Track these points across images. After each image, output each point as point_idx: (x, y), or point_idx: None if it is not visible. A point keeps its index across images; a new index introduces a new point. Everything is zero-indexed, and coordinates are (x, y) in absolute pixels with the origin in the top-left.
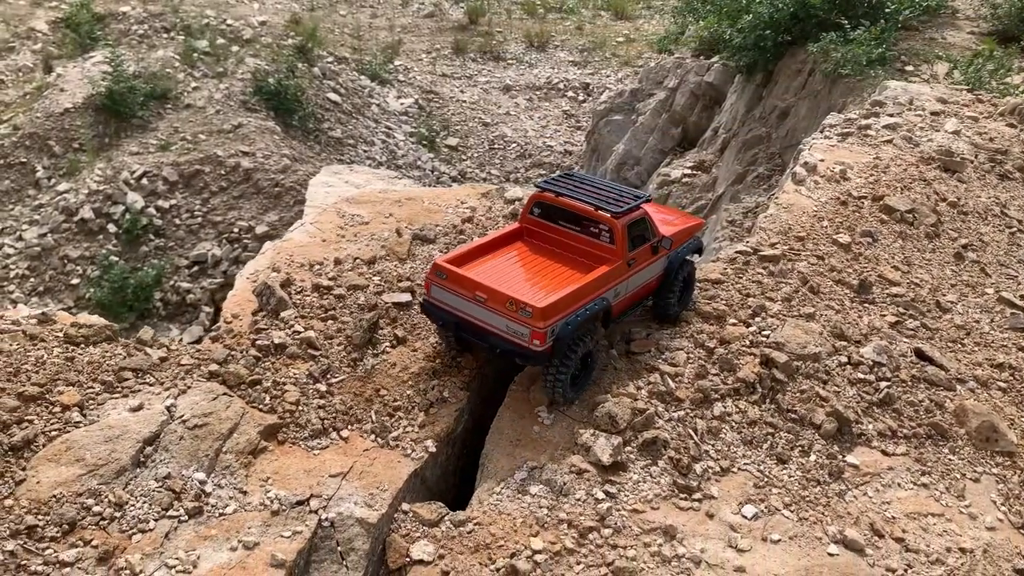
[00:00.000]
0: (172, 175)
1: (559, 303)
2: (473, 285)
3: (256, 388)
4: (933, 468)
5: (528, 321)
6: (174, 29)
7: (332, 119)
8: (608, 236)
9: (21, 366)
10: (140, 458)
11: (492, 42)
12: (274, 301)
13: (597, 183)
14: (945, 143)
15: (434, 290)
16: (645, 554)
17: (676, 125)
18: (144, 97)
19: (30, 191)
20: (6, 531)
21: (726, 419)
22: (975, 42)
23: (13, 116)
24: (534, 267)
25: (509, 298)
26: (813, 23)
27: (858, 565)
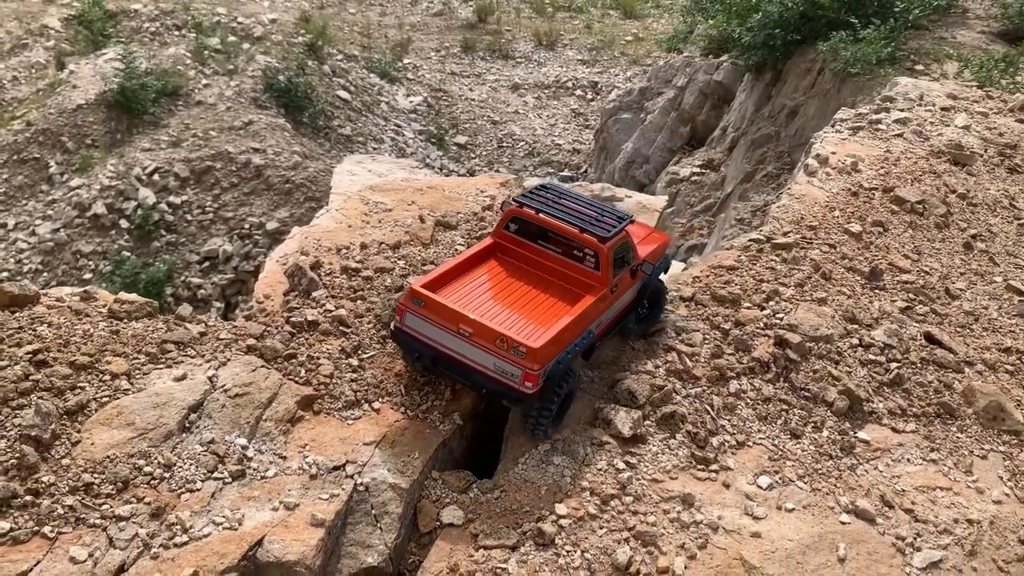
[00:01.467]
0: (184, 171)
1: (553, 341)
2: (456, 317)
3: (292, 362)
4: (942, 445)
5: (521, 362)
6: (185, 26)
7: (342, 116)
8: (593, 261)
9: (70, 338)
10: (185, 424)
11: (501, 40)
12: (305, 281)
13: (576, 199)
14: (955, 137)
15: (409, 318)
16: (664, 520)
17: (685, 124)
18: (156, 94)
19: (43, 187)
20: (65, 487)
21: (741, 396)
22: (985, 41)
23: (26, 112)
24: (516, 294)
25: (499, 335)
26: (823, 22)
27: (869, 533)
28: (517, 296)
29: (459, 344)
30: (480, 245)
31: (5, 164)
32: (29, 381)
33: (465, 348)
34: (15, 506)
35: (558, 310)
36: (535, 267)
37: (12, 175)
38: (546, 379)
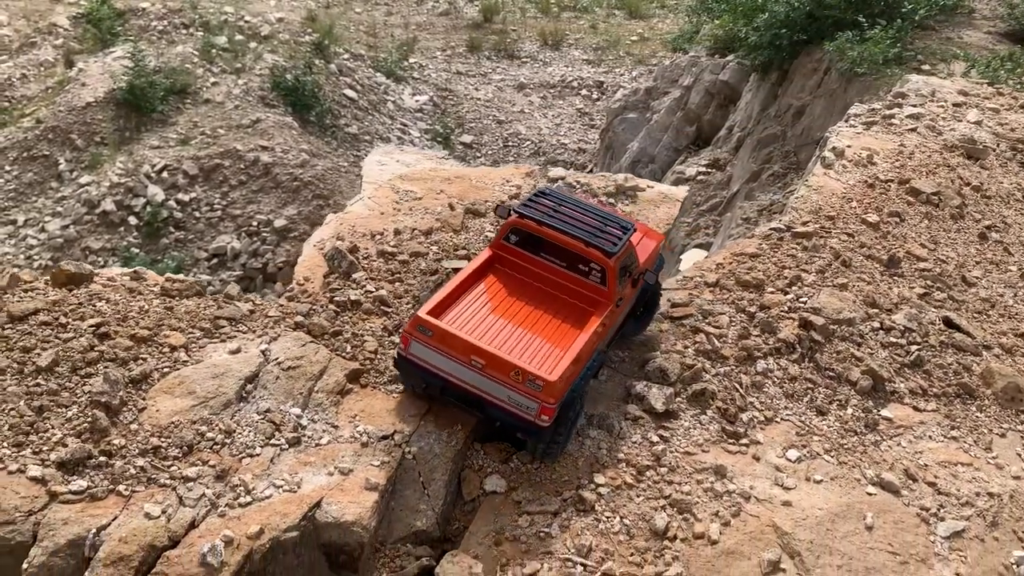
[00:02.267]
0: (192, 169)
1: (569, 370)
2: (467, 347)
3: (338, 338)
4: (962, 423)
5: (538, 396)
6: (193, 25)
7: (348, 115)
8: (599, 276)
9: (127, 313)
10: (242, 393)
11: (506, 40)
12: (345, 264)
13: (576, 205)
14: (967, 132)
15: (414, 346)
16: (698, 490)
17: (691, 123)
18: (164, 92)
19: (53, 183)
20: (136, 450)
21: (768, 375)
22: (992, 41)
23: (36, 110)
24: (521, 314)
25: (514, 367)
26: (829, 22)
27: (895, 504)
28: (523, 317)
29: (470, 375)
30: (479, 259)
31: (15, 161)
32: (95, 352)
33: (477, 379)
34: (90, 466)
35: (567, 333)
36: (538, 280)
37: (22, 172)
38: (560, 408)
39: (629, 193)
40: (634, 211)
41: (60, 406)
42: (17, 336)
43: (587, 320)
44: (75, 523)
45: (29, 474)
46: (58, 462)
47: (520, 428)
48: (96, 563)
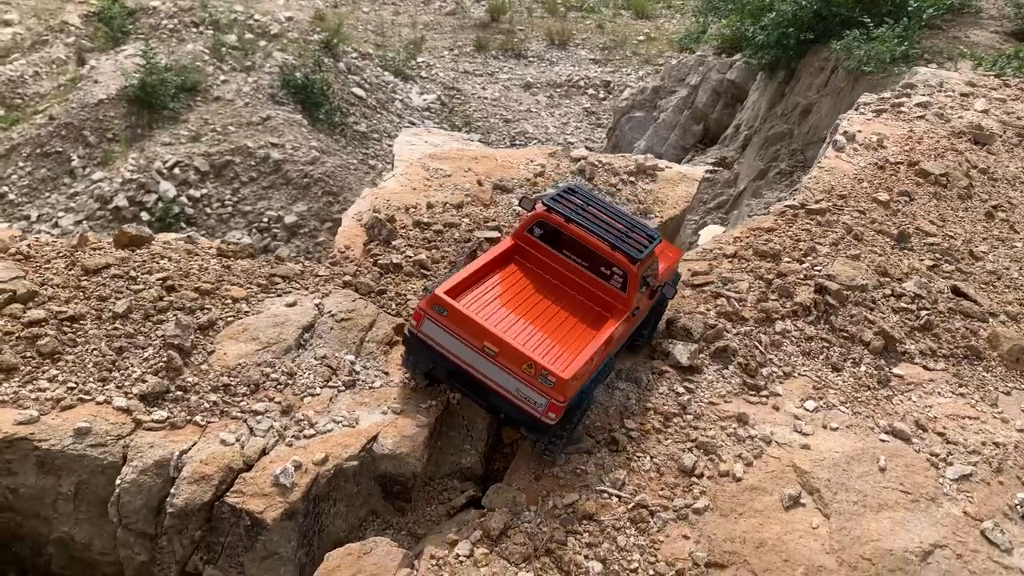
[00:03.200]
0: (203, 165)
1: (582, 369)
2: (482, 332)
3: (383, 296)
4: (969, 382)
5: (548, 392)
6: (203, 24)
7: (357, 113)
8: (621, 281)
9: (189, 271)
10: (301, 341)
11: (513, 40)
12: (385, 232)
13: (603, 207)
14: (975, 120)
15: (427, 325)
16: (722, 434)
17: (698, 122)
18: (175, 89)
19: (65, 179)
20: (208, 387)
21: (786, 335)
22: (999, 41)
23: (49, 107)
24: (538, 308)
25: (528, 359)
26: (836, 21)
27: (906, 450)
28: (539, 311)
29: (481, 362)
30: (500, 247)
31: (28, 157)
32: (164, 301)
33: (487, 367)
34: (168, 399)
35: (583, 334)
36: (557, 277)
37: (35, 168)
38: (568, 408)
39: (649, 172)
40: (654, 189)
41: (137, 347)
42: (93, 287)
43: (603, 324)
44: (159, 447)
45: (115, 404)
46: (140, 395)
47: (525, 423)
48: (181, 481)
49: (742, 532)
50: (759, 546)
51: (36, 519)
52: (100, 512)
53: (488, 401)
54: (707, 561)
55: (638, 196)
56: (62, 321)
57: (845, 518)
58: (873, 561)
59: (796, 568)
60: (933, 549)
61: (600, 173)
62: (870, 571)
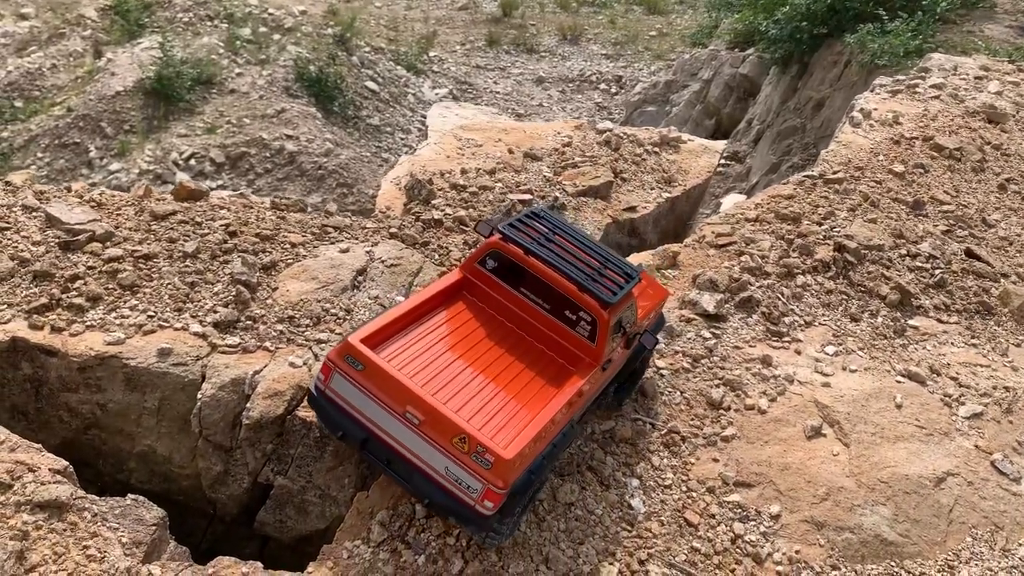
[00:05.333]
0: (219, 157)
1: (529, 447)
2: (404, 394)
3: (427, 248)
4: (981, 334)
5: (485, 475)
6: (218, 17)
7: (370, 107)
8: (589, 329)
9: (247, 220)
10: (355, 282)
11: (525, 35)
12: (424, 192)
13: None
14: (988, 100)
15: (337, 381)
16: (747, 374)
17: (710, 116)
18: (191, 82)
19: (83, 170)
20: (274, 318)
21: (807, 288)
22: (1013, 35)
23: (66, 99)
24: (487, 362)
25: (460, 430)
26: (850, 15)
27: (921, 390)
28: (486, 364)
29: (402, 431)
30: (445, 280)
31: (47, 148)
32: (229, 244)
33: (410, 439)
34: (239, 328)
35: (539, 395)
36: (513, 321)
37: (53, 159)
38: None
39: (672, 144)
40: (678, 160)
41: (207, 283)
42: (162, 230)
43: (565, 381)
44: (234, 367)
45: (192, 330)
46: (213, 323)
47: (454, 513)
48: (256, 396)
49: (767, 457)
50: (784, 469)
51: (120, 435)
52: (180, 427)
53: (411, 483)
54: (736, 480)
55: (662, 166)
56: (137, 258)
57: (864, 447)
58: (890, 484)
59: (819, 488)
60: (946, 476)
61: (625, 144)
62: (887, 492)
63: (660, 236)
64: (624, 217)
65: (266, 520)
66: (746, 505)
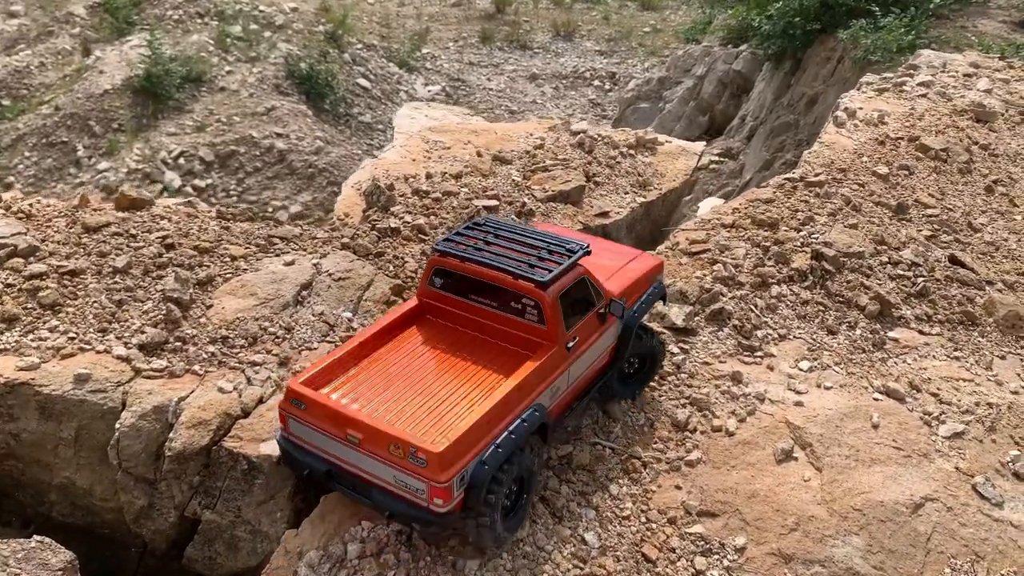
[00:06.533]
0: (208, 155)
1: (467, 437)
2: (342, 420)
3: (381, 259)
4: (964, 346)
5: (423, 472)
6: (208, 14)
7: (362, 104)
8: (536, 313)
9: (188, 230)
10: (299, 298)
11: (519, 31)
12: (384, 198)
13: (516, 232)
14: (977, 98)
15: (292, 425)
16: (716, 392)
17: (703, 113)
18: (180, 80)
19: (71, 169)
20: (206, 339)
21: (782, 299)
22: (1007, 30)
23: (54, 97)
24: (436, 371)
25: (392, 438)
26: (843, 10)
27: (899, 408)
28: (438, 376)
29: (351, 454)
30: (398, 310)
31: (34, 147)
32: (163, 258)
33: (358, 459)
34: (167, 349)
35: (489, 388)
36: (470, 327)
37: (41, 158)
38: (468, 488)
39: (648, 146)
40: (653, 162)
41: (136, 300)
42: (93, 243)
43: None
44: (158, 393)
45: (115, 353)
46: (139, 345)
47: (414, 518)
48: (179, 425)
49: (734, 483)
50: (751, 497)
51: (38, 465)
52: (101, 458)
53: (372, 499)
54: (699, 510)
55: (638, 169)
56: (63, 275)
57: (837, 471)
58: (864, 512)
59: (787, 517)
60: (924, 502)
61: (600, 147)
62: (860, 521)
63: (635, 242)
64: (596, 223)
65: (195, 556)
66: (709, 537)
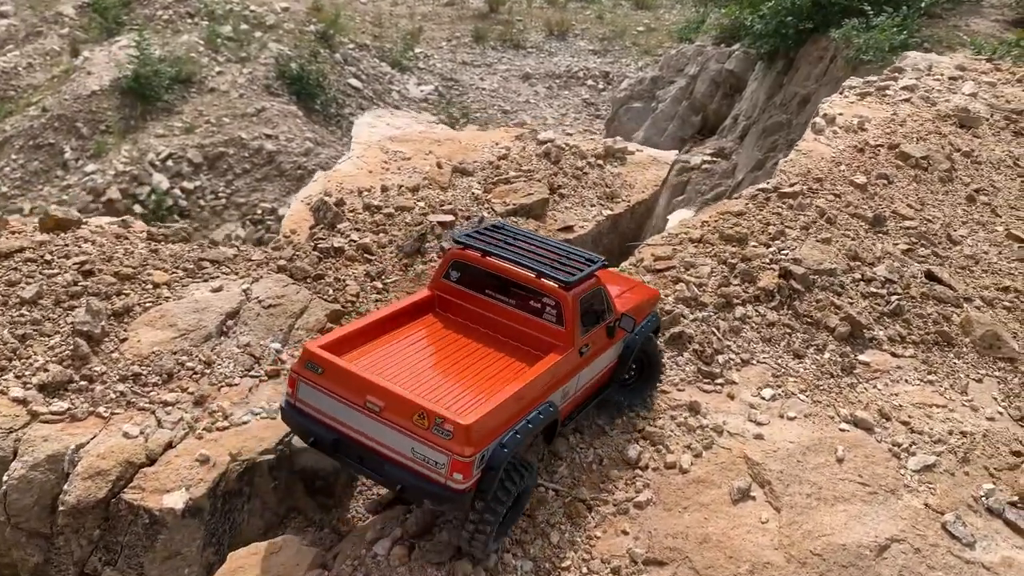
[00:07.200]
0: (197, 157)
1: (493, 415)
2: (364, 385)
3: (320, 282)
4: (939, 369)
5: (447, 445)
6: (198, 14)
7: (353, 104)
8: (555, 314)
9: (113, 254)
10: (223, 328)
11: (512, 30)
12: (330, 215)
13: (535, 240)
14: (962, 103)
15: (303, 390)
16: (672, 424)
17: (696, 112)
18: (169, 81)
19: (58, 172)
20: (116, 376)
21: (747, 321)
22: (999, 29)
23: (41, 99)
24: (453, 356)
25: (418, 407)
26: (835, 9)
27: (867, 440)
28: (456, 360)
29: (366, 423)
30: (411, 298)
31: (21, 149)
32: (78, 287)
33: (374, 428)
34: (71, 389)
35: (508, 375)
36: (484, 324)
37: (28, 160)
38: (486, 469)
39: (618, 156)
40: (622, 172)
41: (43, 335)
42: (2, 271)
43: (535, 363)
44: (55, 440)
45: (11, 395)
46: (39, 385)
47: (429, 494)
48: (75, 476)
49: (685, 527)
50: (703, 542)
51: None
52: None
53: (382, 473)
54: (646, 558)
55: (605, 180)
56: None
57: (797, 512)
58: (824, 556)
59: (741, 565)
60: (889, 544)
61: (567, 157)
62: (820, 567)
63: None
64: (559, 238)
65: None
66: None
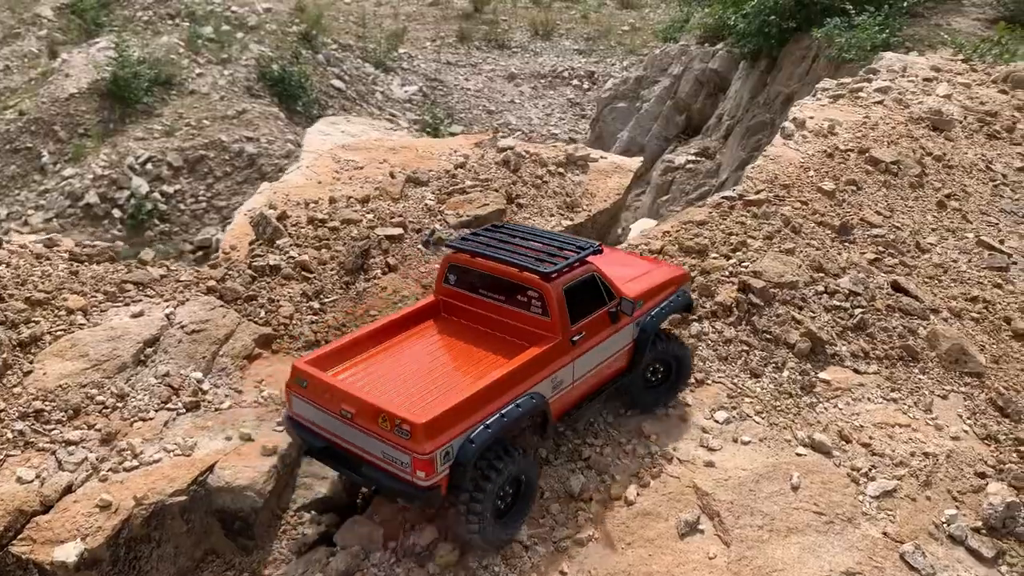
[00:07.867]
0: (177, 160)
1: (452, 412)
2: (338, 396)
3: (252, 303)
4: (903, 386)
5: (406, 444)
6: (178, 15)
7: (336, 105)
8: (540, 305)
9: (27, 277)
10: (140, 357)
11: (497, 30)
12: (270, 230)
13: (533, 234)
14: (935, 105)
15: (296, 403)
16: (619, 451)
17: (680, 112)
18: (149, 83)
19: (35, 176)
20: (15, 413)
21: (702, 338)
22: (981, 28)
23: (19, 102)
24: (442, 360)
25: (380, 410)
26: (817, 9)
27: (824, 464)
28: (446, 362)
29: (345, 430)
30: (416, 305)
31: None
32: None
33: (351, 434)
34: None
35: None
36: (483, 323)
37: (5, 165)
38: (455, 465)
39: (580, 164)
40: (584, 181)
41: None
42: None
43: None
44: None
45: None
46: None
47: (399, 492)
48: None
49: (627, 566)
50: None
51: None
52: None
53: (364, 475)
54: None
55: (566, 189)
56: None
57: (747, 546)
58: None
59: None
60: None
61: (527, 165)
62: None
63: None
64: None
65: None
66: None
